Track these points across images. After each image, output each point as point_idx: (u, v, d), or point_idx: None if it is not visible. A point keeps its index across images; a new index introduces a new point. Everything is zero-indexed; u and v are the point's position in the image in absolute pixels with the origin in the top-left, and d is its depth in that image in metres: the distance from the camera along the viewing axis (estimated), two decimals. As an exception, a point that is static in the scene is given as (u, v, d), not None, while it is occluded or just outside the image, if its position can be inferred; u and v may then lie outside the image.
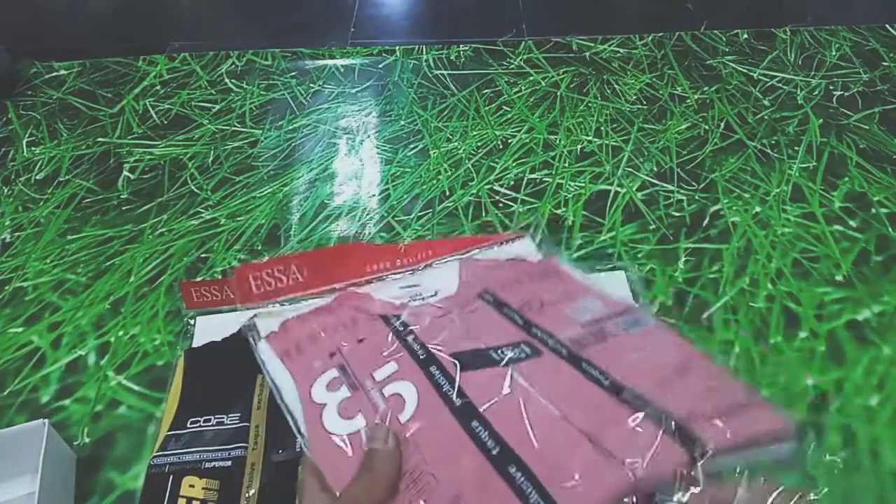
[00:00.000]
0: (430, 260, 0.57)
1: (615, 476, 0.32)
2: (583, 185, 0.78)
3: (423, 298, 0.50)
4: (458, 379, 0.40)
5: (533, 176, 0.80)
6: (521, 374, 0.40)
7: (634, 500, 0.32)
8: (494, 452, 0.35)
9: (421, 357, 0.42)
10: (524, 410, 0.38)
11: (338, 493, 0.35)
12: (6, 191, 0.79)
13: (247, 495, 0.49)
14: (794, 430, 0.35)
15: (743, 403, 0.37)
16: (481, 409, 0.38)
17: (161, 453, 0.51)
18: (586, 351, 0.42)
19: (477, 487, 0.34)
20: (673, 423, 0.34)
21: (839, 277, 0.67)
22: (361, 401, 0.40)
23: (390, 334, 0.45)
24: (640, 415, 0.35)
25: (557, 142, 0.85)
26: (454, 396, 0.39)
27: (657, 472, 0.32)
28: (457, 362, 0.41)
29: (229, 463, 0.50)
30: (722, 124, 0.87)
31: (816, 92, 0.93)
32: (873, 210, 0.74)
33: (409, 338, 0.44)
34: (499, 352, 0.42)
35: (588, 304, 0.47)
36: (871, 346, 0.61)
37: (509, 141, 0.85)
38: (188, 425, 0.53)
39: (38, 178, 0.81)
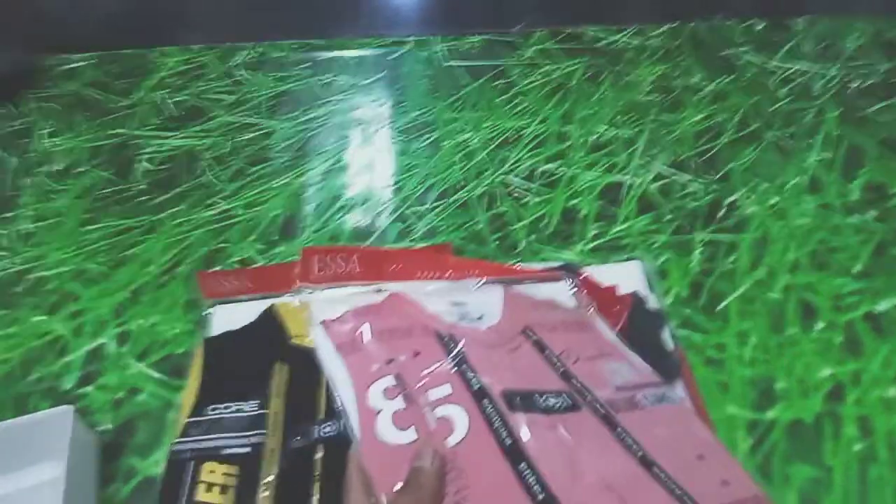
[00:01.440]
0: (475, 279, 0.58)
1: None
2: (597, 175, 0.78)
3: (470, 320, 0.51)
4: (508, 418, 0.41)
5: (546, 167, 0.80)
6: (564, 426, 0.42)
7: None
8: (540, 498, 0.37)
9: (475, 387, 0.44)
10: (568, 464, 0.39)
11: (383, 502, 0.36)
12: (26, 182, 0.80)
13: (265, 481, 0.49)
14: None
15: (754, 500, 0.41)
16: (528, 453, 0.39)
17: (182, 440, 0.52)
18: (619, 416, 0.44)
19: None
20: None
21: (857, 269, 0.67)
22: (416, 415, 0.42)
23: (444, 354, 0.46)
24: (669, 494, 0.38)
25: (571, 133, 0.84)
26: (504, 434, 0.41)
27: None
28: (507, 401, 0.43)
29: (248, 449, 0.51)
30: (738, 115, 0.86)
31: (834, 82, 0.92)
32: (891, 202, 0.74)
33: (463, 364, 0.45)
34: (543, 398, 0.44)
35: (620, 368, 0.49)
36: (889, 337, 0.61)
37: (522, 132, 0.85)
38: (207, 412, 0.53)
39: (56, 169, 0.82)
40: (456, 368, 0.45)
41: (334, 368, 0.46)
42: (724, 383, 0.58)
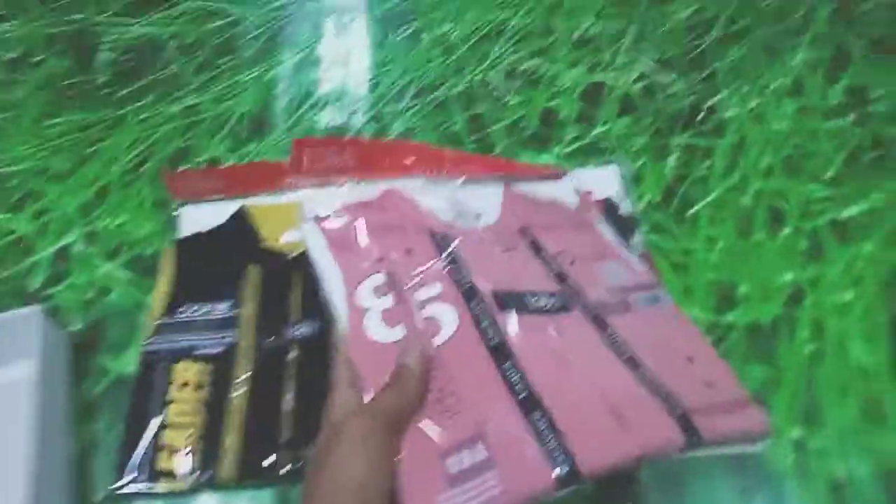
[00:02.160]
0: (472, 175, 0.57)
1: (626, 444, 0.36)
2: (579, 74, 0.76)
3: (466, 218, 0.50)
4: (497, 317, 0.42)
5: (528, 65, 0.77)
6: (553, 327, 0.42)
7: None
8: (521, 396, 0.38)
9: (465, 286, 0.43)
10: (554, 363, 0.40)
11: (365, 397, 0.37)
12: (-21, 71, 0.76)
13: (239, 379, 0.51)
14: (769, 432, 0.39)
15: (736, 402, 0.41)
16: (514, 353, 0.40)
17: (154, 339, 0.52)
18: (610, 318, 0.44)
19: (499, 424, 0.36)
20: (680, 410, 0.38)
21: (828, 175, 0.67)
22: (405, 313, 0.42)
23: (437, 253, 0.46)
24: (652, 395, 0.39)
25: (556, 26, 0.81)
26: (491, 333, 0.41)
27: (656, 449, 0.36)
28: (497, 301, 0.43)
29: (221, 349, 0.52)
30: (729, 9, 0.83)
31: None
32: (871, 107, 0.72)
33: (455, 263, 0.45)
34: (534, 299, 0.43)
35: (615, 268, 0.49)
36: (852, 243, 0.62)
37: (506, 24, 0.81)
38: (179, 313, 0.54)
39: (12, 56, 0.78)
40: (448, 267, 0.45)
41: (325, 265, 0.45)
42: (688, 287, 0.59)
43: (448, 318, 0.42)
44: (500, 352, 0.40)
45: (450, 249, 0.46)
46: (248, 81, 0.75)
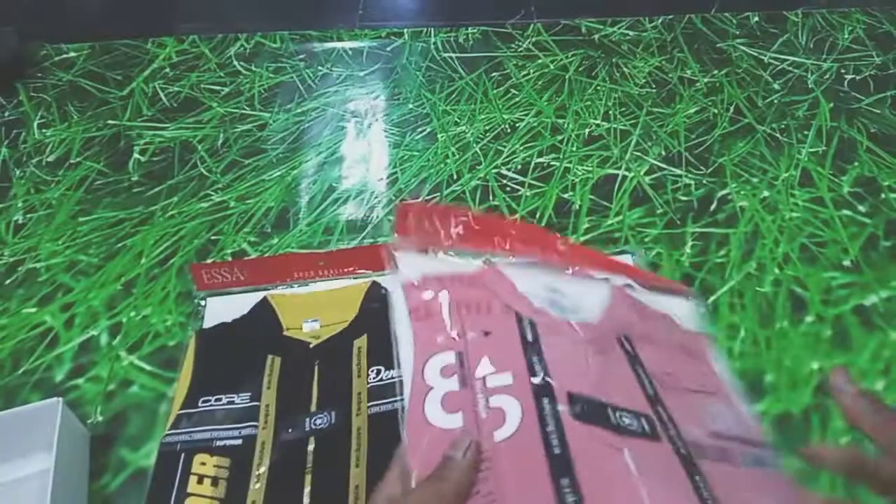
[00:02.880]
0: (583, 268, 0.51)
1: None
2: (590, 168, 0.78)
3: (563, 310, 0.45)
4: (566, 423, 0.36)
5: (540, 160, 0.80)
6: (632, 452, 0.36)
7: None
8: None
9: (539, 382, 0.38)
10: (621, 494, 0.34)
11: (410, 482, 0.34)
12: (18, 173, 0.80)
13: (257, 473, 0.50)
14: None
15: None
16: (576, 470, 0.35)
17: (173, 431, 0.52)
18: (703, 462, 0.38)
19: None
20: None
21: (847, 262, 0.67)
22: (466, 401, 0.38)
23: (518, 340, 0.41)
24: None
25: (565, 125, 0.84)
26: (555, 442, 0.36)
27: None
28: (572, 405, 0.38)
29: (240, 441, 0.51)
30: (731, 108, 0.87)
31: (828, 75, 0.92)
32: (883, 195, 0.74)
33: (535, 355, 0.40)
34: (617, 414, 0.38)
35: (723, 411, 0.43)
36: (877, 331, 0.61)
37: (517, 125, 0.85)
38: (199, 404, 0.54)
39: (49, 160, 0.82)
40: (525, 358, 0.40)
41: (402, 332, 0.41)
42: (713, 376, 0.58)
43: (513, 412, 0.37)
44: (561, 463, 0.35)
45: (532, 337, 0.41)
46: (273, 179, 0.78)
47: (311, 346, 0.58)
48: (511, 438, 0.36)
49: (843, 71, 0.92)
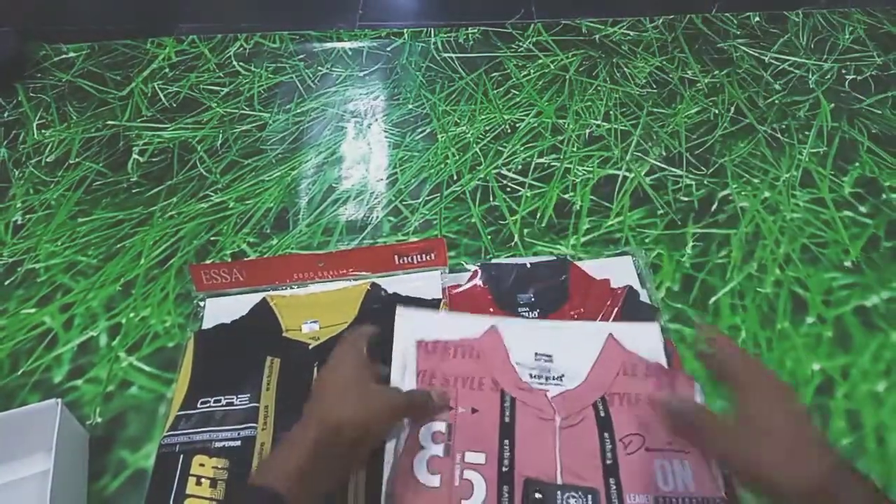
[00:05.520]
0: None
1: None
2: (591, 169, 0.78)
3: (546, 380, 0.52)
4: None
5: (541, 160, 0.79)
6: None
7: None
8: None
9: (504, 469, 0.47)
10: None
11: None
12: (17, 173, 0.80)
13: (256, 474, 0.49)
14: None
15: None
16: None
17: (172, 433, 0.52)
18: None
19: None
20: None
21: (848, 263, 0.67)
22: (446, 467, 0.47)
23: (498, 422, 0.49)
24: None
25: (566, 126, 0.84)
26: None
27: None
28: (525, 491, 0.46)
29: (239, 443, 0.51)
30: (732, 108, 0.86)
31: (829, 76, 0.92)
32: (884, 196, 0.74)
33: (507, 439, 0.49)
34: (565, 496, 0.46)
35: (681, 470, 0.47)
36: (878, 332, 0.61)
37: (517, 125, 0.85)
38: (198, 406, 0.53)
39: (48, 160, 0.82)
40: (499, 441, 0.48)
41: (405, 358, 0.52)
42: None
43: (480, 488, 0.46)
44: None
45: (510, 417, 0.49)
46: (272, 180, 0.78)
47: (311, 347, 0.58)
48: None
49: (844, 71, 0.92)
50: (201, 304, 0.63)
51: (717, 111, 0.86)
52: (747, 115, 0.85)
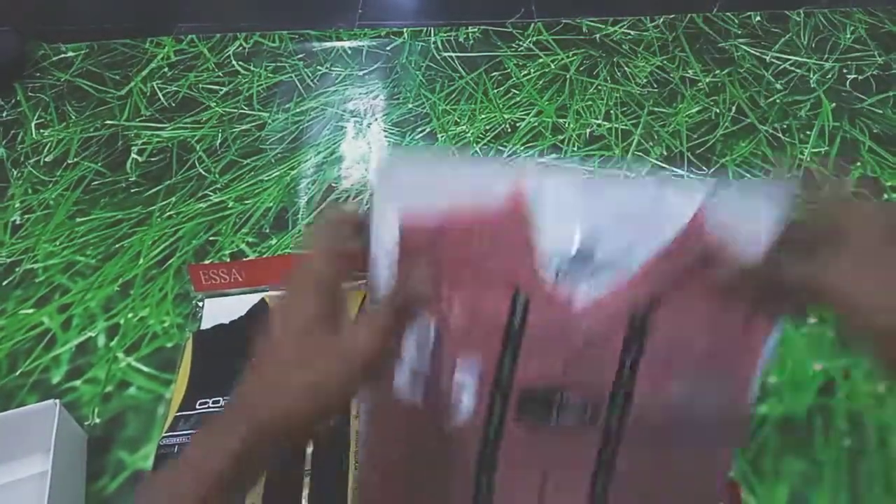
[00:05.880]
0: None
1: None
2: (592, 168, 0.78)
3: (584, 266, 0.36)
4: (507, 426, 0.37)
5: (542, 160, 0.79)
6: (547, 456, 0.38)
7: None
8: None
9: (501, 377, 0.37)
10: (538, 494, 0.38)
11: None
12: (15, 173, 0.80)
13: (255, 476, 0.49)
14: None
15: None
16: (497, 474, 0.38)
17: (171, 434, 0.51)
18: (629, 450, 0.37)
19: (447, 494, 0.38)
20: None
21: (850, 263, 0.66)
22: (431, 383, 0.37)
23: (503, 331, 0.36)
24: None
25: (566, 125, 0.84)
26: (492, 435, 0.37)
27: None
28: (518, 402, 0.37)
29: (238, 444, 0.51)
30: (733, 108, 0.86)
31: (830, 75, 0.91)
32: (886, 196, 0.73)
33: (510, 343, 0.37)
34: (558, 410, 0.37)
35: (713, 390, 0.37)
36: (880, 332, 0.61)
37: (518, 124, 0.84)
38: (197, 406, 0.53)
39: (46, 160, 0.81)
40: (500, 346, 0.36)
41: (382, 266, 0.36)
42: (715, 378, 0.58)
43: (468, 397, 0.37)
44: (486, 461, 0.38)
45: (519, 323, 0.36)
46: (272, 180, 0.78)
47: (310, 347, 0.57)
48: (460, 419, 0.37)
49: (845, 71, 0.92)
50: (200, 304, 0.62)
51: (718, 111, 0.86)
52: (748, 114, 0.85)
